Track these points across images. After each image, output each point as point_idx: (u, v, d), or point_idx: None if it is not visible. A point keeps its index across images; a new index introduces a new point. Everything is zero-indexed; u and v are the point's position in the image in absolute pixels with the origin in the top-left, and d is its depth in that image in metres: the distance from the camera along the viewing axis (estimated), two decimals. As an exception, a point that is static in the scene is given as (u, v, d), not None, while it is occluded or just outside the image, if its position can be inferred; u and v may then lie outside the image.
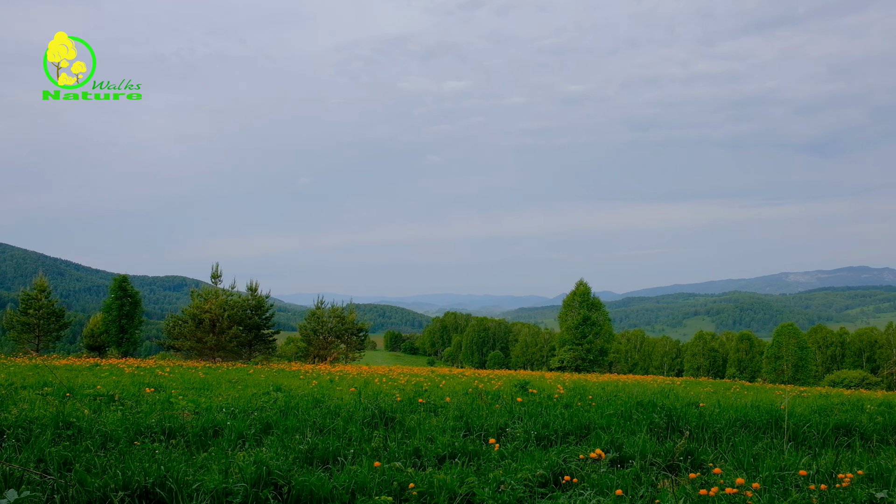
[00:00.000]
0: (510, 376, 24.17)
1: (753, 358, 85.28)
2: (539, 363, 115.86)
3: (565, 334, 64.46)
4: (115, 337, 48.97)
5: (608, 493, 6.24)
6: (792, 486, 6.43)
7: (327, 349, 44.30)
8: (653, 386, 19.07)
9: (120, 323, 48.99)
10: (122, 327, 49.05)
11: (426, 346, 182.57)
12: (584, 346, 62.36)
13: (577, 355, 62.28)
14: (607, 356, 65.30)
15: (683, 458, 7.80)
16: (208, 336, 38.39)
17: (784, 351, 72.31)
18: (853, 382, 50.78)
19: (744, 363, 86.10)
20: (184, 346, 39.82)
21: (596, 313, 64.43)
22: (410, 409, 10.70)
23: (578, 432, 9.18)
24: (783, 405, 10.39)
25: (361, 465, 6.94)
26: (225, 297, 40.65)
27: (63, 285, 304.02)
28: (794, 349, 71.80)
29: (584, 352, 62.27)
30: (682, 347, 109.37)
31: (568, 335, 63.77)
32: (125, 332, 49.20)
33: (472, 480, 6.43)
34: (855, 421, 10.48)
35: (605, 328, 64.39)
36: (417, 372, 28.23)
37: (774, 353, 73.45)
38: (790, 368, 70.66)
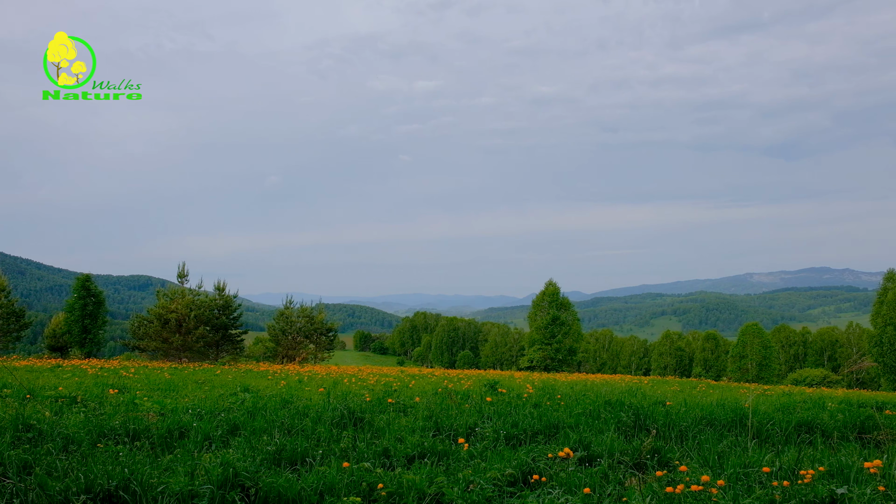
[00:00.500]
0: (480, 376, 24.22)
1: (719, 357, 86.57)
2: (509, 363, 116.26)
3: (535, 334, 64.80)
4: (77, 337, 48.03)
5: (576, 491, 6.28)
6: (755, 482, 6.54)
7: (296, 349, 43.97)
8: (621, 385, 19.26)
9: (83, 323, 48.06)
10: (85, 327, 48.13)
11: (396, 346, 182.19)
12: (553, 345, 62.74)
13: (546, 355, 62.64)
14: (576, 356, 65.77)
15: (650, 456, 7.89)
16: (174, 336, 37.84)
17: (748, 350, 73.57)
18: (815, 381, 51.80)
19: (709, 362, 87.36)
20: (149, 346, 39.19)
21: (565, 313, 64.87)
22: (380, 410, 10.66)
23: (547, 431, 9.23)
24: (747, 403, 10.56)
25: (330, 466, 6.89)
26: (192, 296, 40.11)
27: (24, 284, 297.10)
28: (758, 348, 73.08)
29: (554, 351, 62.65)
30: (650, 347, 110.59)
31: (537, 335, 64.11)
32: (88, 332, 48.29)
33: (442, 480, 6.42)
34: (816, 419, 10.70)
35: (573, 328, 64.86)
36: (387, 372, 28.15)
37: (739, 353, 74.67)
38: (754, 367, 71.91)
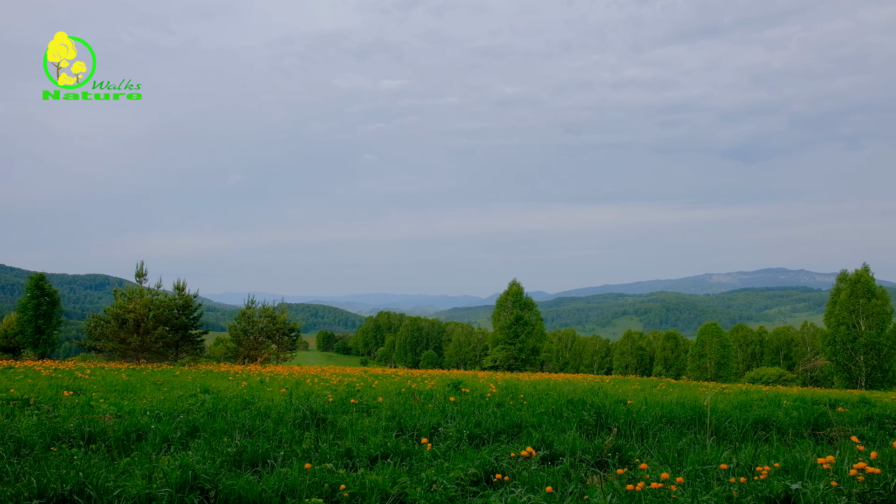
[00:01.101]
0: (443, 376, 24.23)
1: (679, 356, 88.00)
2: (472, 363, 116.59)
3: (498, 334, 65.06)
4: (31, 338, 46.82)
5: (539, 490, 6.32)
6: (714, 479, 6.66)
7: (258, 350, 43.47)
8: (583, 384, 19.43)
9: (36, 323, 46.87)
10: (38, 328, 46.94)
11: (359, 345, 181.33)
12: (516, 345, 63.07)
13: (509, 354, 62.94)
14: (539, 355, 66.21)
15: (612, 454, 7.98)
16: (132, 337, 37.09)
17: (707, 349, 74.93)
18: (771, 379, 52.95)
19: (670, 361, 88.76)
20: (106, 347, 38.33)
21: (528, 313, 65.27)
22: (343, 410, 10.60)
23: (510, 431, 9.27)
24: (706, 402, 10.75)
25: (292, 468, 6.83)
26: (150, 296, 39.35)
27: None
28: (716, 347, 74.48)
29: (517, 351, 62.97)
30: (612, 346, 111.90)
31: (501, 335, 64.37)
32: (42, 332, 47.11)
33: (405, 480, 6.41)
34: (772, 416, 10.94)
35: (537, 328, 65.29)
36: (350, 372, 28.00)
37: (698, 352, 76.02)
38: (713, 366, 73.27)
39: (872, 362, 52.18)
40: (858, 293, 53.37)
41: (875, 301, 52.86)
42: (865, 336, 52.23)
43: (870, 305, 52.68)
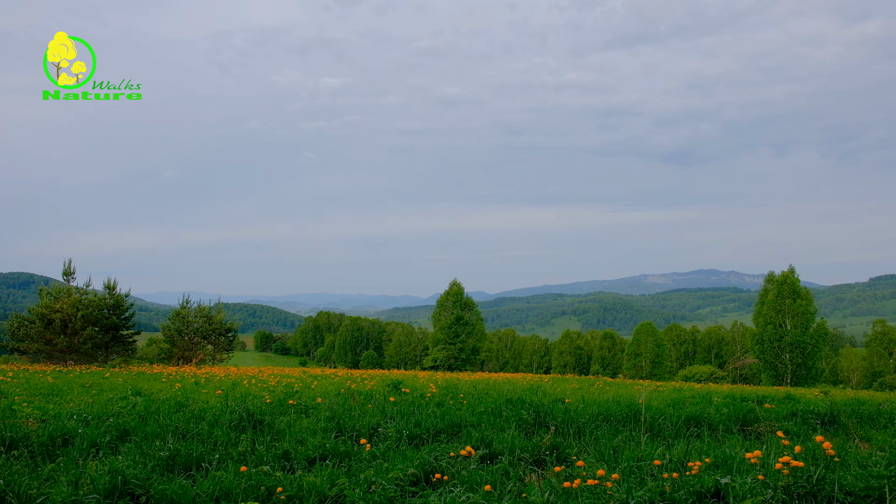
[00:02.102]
0: (383, 376, 24.13)
1: (615, 355, 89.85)
2: (413, 362, 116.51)
3: (439, 334, 65.18)
4: (-53, 339, 44.55)
5: (478, 489, 6.35)
6: (648, 475, 6.81)
7: (193, 350, 42.42)
8: (522, 383, 19.64)
9: (-45, 324, 44.65)
10: (-44, 328, 44.71)
11: (298, 346, 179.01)
12: (457, 345, 63.29)
13: (450, 354, 63.12)
14: (479, 355, 66.61)
15: (550, 452, 8.08)
16: (59, 338, 35.68)
17: (643, 348, 76.75)
18: (703, 377, 54.55)
19: (607, 360, 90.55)
20: (30, 348, 36.76)
21: (469, 313, 65.58)
22: (280, 411, 10.44)
23: (450, 430, 9.29)
24: (641, 399, 10.99)
25: (227, 471, 6.67)
26: (79, 295, 37.91)
27: None
28: (651, 346, 76.36)
29: (457, 351, 63.21)
30: (551, 346, 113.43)
31: (441, 334, 64.51)
32: (-40, 333, 44.88)
33: (343, 482, 6.35)
34: (704, 413, 11.27)
35: (477, 327, 65.64)
36: (289, 373, 27.60)
37: (634, 351, 77.80)
38: (648, 365, 75.10)
39: (797, 360, 54.34)
40: (785, 294, 55.50)
41: (800, 301, 55.07)
42: (791, 335, 54.35)
43: (795, 306, 54.85)
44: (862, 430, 11.10)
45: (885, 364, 73.37)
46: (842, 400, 15.38)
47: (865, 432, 10.77)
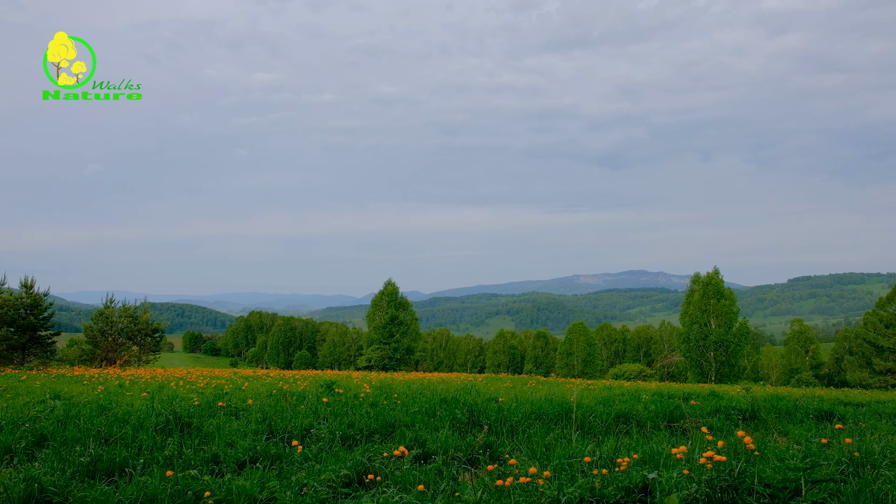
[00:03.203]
0: (317, 376, 23.83)
1: (549, 354, 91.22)
2: (347, 363, 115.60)
3: (373, 333, 64.87)
4: None
5: (411, 489, 6.33)
6: (579, 471, 6.92)
7: (117, 352, 40.93)
8: (456, 383, 19.71)
9: None
10: None
11: (229, 346, 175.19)
12: (391, 345, 63.13)
13: (384, 354, 62.90)
14: (414, 355, 66.60)
15: (483, 451, 8.13)
16: (-28, 339, 33.88)
17: (575, 347, 78.19)
18: (632, 375, 55.97)
19: (540, 359, 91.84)
20: (-60, 350, 34.79)
21: (403, 313, 65.48)
22: (210, 414, 10.18)
23: (384, 430, 9.24)
24: (573, 397, 11.18)
25: (153, 476, 6.46)
26: (-6, 294, 36.10)
27: None
28: (583, 346, 77.87)
29: (392, 351, 63.05)
30: (485, 345, 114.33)
31: (376, 334, 64.22)
32: None
33: (274, 484, 6.23)
34: (633, 410, 11.56)
35: (412, 327, 65.63)
36: (219, 374, 26.95)
37: (567, 350, 79.18)
38: (580, 363, 76.55)
39: (721, 358, 56.34)
40: (709, 294, 57.47)
41: (724, 301, 57.12)
42: (715, 334, 56.31)
43: (719, 306, 56.85)
44: (780, 424, 11.59)
45: (801, 361, 76.86)
46: (762, 396, 16.04)
47: (783, 427, 11.25)
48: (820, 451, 7.64)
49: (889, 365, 55.36)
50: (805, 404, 14.18)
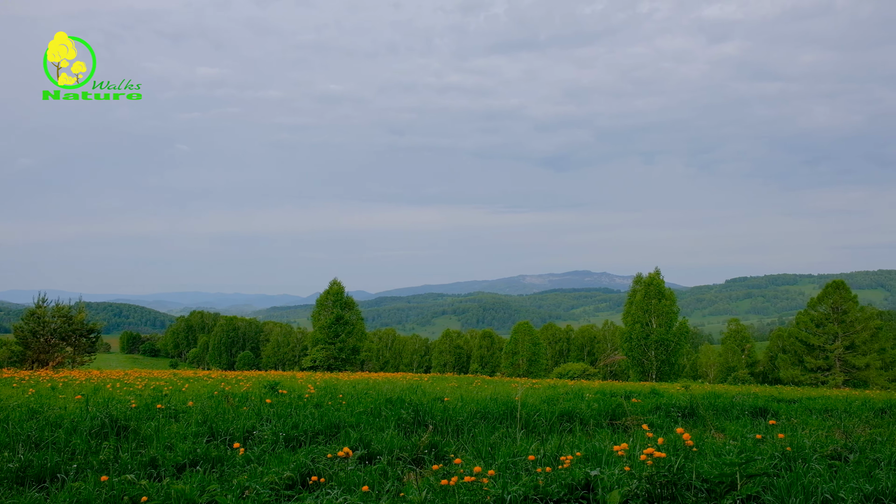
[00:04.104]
0: (260, 377, 23.45)
1: (494, 354, 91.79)
2: (291, 363, 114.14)
3: (318, 333, 64.23)
4: None
5: (355, 490, 6.28)
6: (523, 470, 6.98)
7: (50, 353, 39.50)
8: (402, 383, 19.68)
9: None
10: None
11: (169, 347, 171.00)
12: (336, 345, 62.62)
13: (329, 354, 62.35)
14: (360, 355, 66.19)
15: (428, 450, 8.12)
16: None
17: (520, 347, 78.91)
18: (576, 374, 56.79)
19: (486, 359, 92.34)
20: None
21: (349, 312, 65.02)
22: (148, 416, 9.90)
23: (328, 431, 9.15)
24: (517, 397, 11.27)
25: (86, 481, 6.24)
26: (-83, 293, 34.47)
27: None
28: (528, 345, 78.65)
29: (337, 351, 62.55)
30: (431, 345, 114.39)
31: (321, 334, 63.61)
32: None
33: (215, 488, 6.10)
34: (576, 408, 11.73)
35: (357, 327, 65.22)
36: (158, 375, 26.27)
37: (512, 349, 79.83)
38: (525, 363, 77.30)
39: (662, 357, 57.70)
40: (651, 294, 58.79)
41: (665, 301, 58.51)
42: (656, 333, 57.62)
43: (660, 305, 58.21)
44: (718, 421, 11.93)
45: (737, 360, 79.26)
46: (700, 394, 16.50)
47: (721, 423, 11.58)
48: (754, 446, 7.89)
49: (819, 363, 57.55)
50: (741, 401, 14.64)
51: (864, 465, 6.91)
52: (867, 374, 55.00)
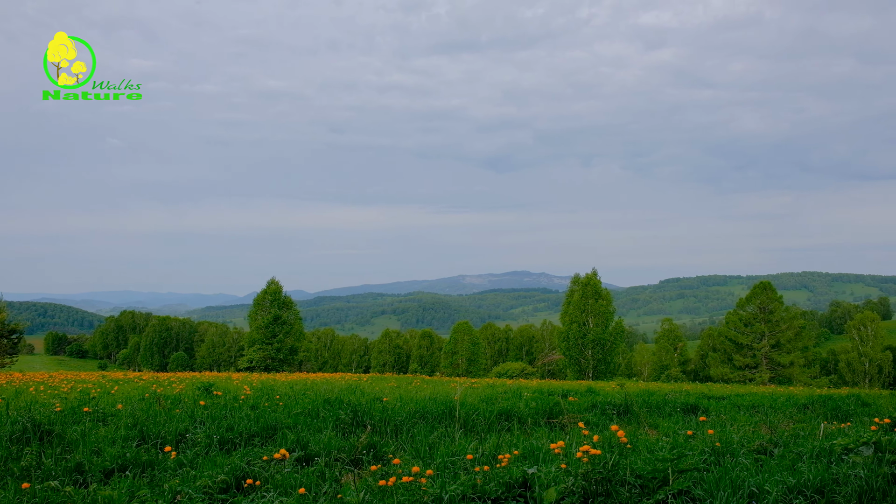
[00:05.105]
0: (194, 378, 22.87)
1: (434, 353, 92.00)
2: (227, 364, 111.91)
3: (255, 333, 63.17)
4: None
5: (292, 492, 6.18)
6: (461, 469, 7.00)
7: (-31, 355, 37.73)
8: (341, 383, 19.50)
9: None
10: None
11: (98, 348, 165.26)
12: (274, 345, 61.72)
13: (266, 355, 61.40)
14: (298, 355, 65.38)
15: (367, 451, 8.07)
16: None
17: (459, 346, 79.30)
18: (515, 373, 57.44)
19: (425, 358, 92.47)
20: None
21: (287, 312, 64.18)
22: (74, 420, 9.52)
23: (265, 433, 8.99)
24: (456, 396, 11.30)
25: (6, 489, 5.97)
26: None
27: None
28: (468, 345, 79.11)
29: (275, 351, 61.65)
30: (370, 345, 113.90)
31: (258, 334, 62.59)
32: None
33: (145, 493, 5.91)
34: (514, 407, 11.85)
35: (296, 327, 64.43)
36: (85, 378, 25.32)
37: (451, 349, 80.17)
38: (465, 362, 77.70)
39: (598, 356, 58.85)
40: (588, 294, 59.88)
41: (601, 301, 59.69)
42: (593, 333, 58.73)
43: (597, 305, 59.35)
44: (651, 418, 12.23)
45: (670, 358, 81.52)
46: (635, 391, 16.90)
47: (654, 420, 11.88)
48: (686, 442, 8.11)
49: (747, 361, 59.72)
50: (673, 399, 15.08)
51: (787, 458, 7.19)
52: (791, 372, 57.38)
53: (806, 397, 16.90)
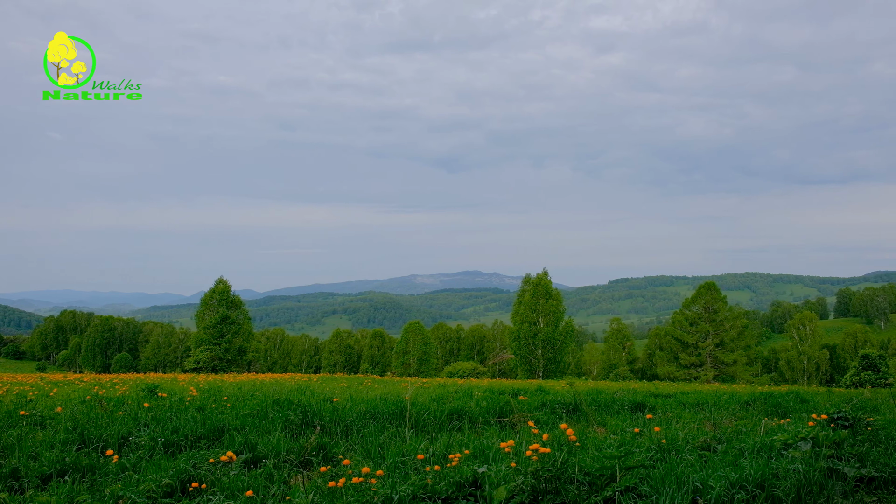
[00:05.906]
0: (138, 380, 22.30)
1: (385, 353, 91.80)
2: (173, 365, 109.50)
3: (202, 334, 62.04)
4: None
5: (239, 495, 6.08)
6: (412, 469, 6.98)
7: None
8: (290, 384, 19.27)
9: None
10: None
11: (36, 349, 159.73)
12: (222, 345, 60.73)
13: (214, 355, 60.35)
14: (246, 355, 64.45)
15: (316, 452, 7.98)
16: None
17: (411, 346, 79.28)
18: (466, 372, 57.63)
19: (376, 358, 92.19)
20: None
21: (236, 312, 63.22)
22: (10, 424, 9.18)
23: (211, 435, 8.82)
24: (407, 396, 11.28)
25: (-65, 497, 5.71)
26: None
27: None
28: (419, 344, 79.16)
29: (223, 351, 60.66)
30: (321, 345, 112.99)
31: (205, 335, 61.48)
32: None
33: (85, 499, 5.73)
34: (465, 407, 11.89)
35: (244, 327, 63.52)
36: (22, 380, 24.46)
37: (403, 349, 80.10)
38: (416, 362, 77.70)
39: (549, 355, 59.54)
40: (539, 294, 60.54)
41: (552, 301, 60.42)
42: (544, 332, 59.40)
43: (548, 305, 60.06)
44: (600, 416, 12.42)
45: (619, 357, 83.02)
46: (584, 390, 17.15)
47: (602, 418, 12.07)
48: (633, 439, 8.26)
49: (693, 359, 61.19)
50: (621, 397, 15.35)
51: (730, 454, 7.38)
52: (734, 370, 59.04)
53: (748, 394, 17.41)
